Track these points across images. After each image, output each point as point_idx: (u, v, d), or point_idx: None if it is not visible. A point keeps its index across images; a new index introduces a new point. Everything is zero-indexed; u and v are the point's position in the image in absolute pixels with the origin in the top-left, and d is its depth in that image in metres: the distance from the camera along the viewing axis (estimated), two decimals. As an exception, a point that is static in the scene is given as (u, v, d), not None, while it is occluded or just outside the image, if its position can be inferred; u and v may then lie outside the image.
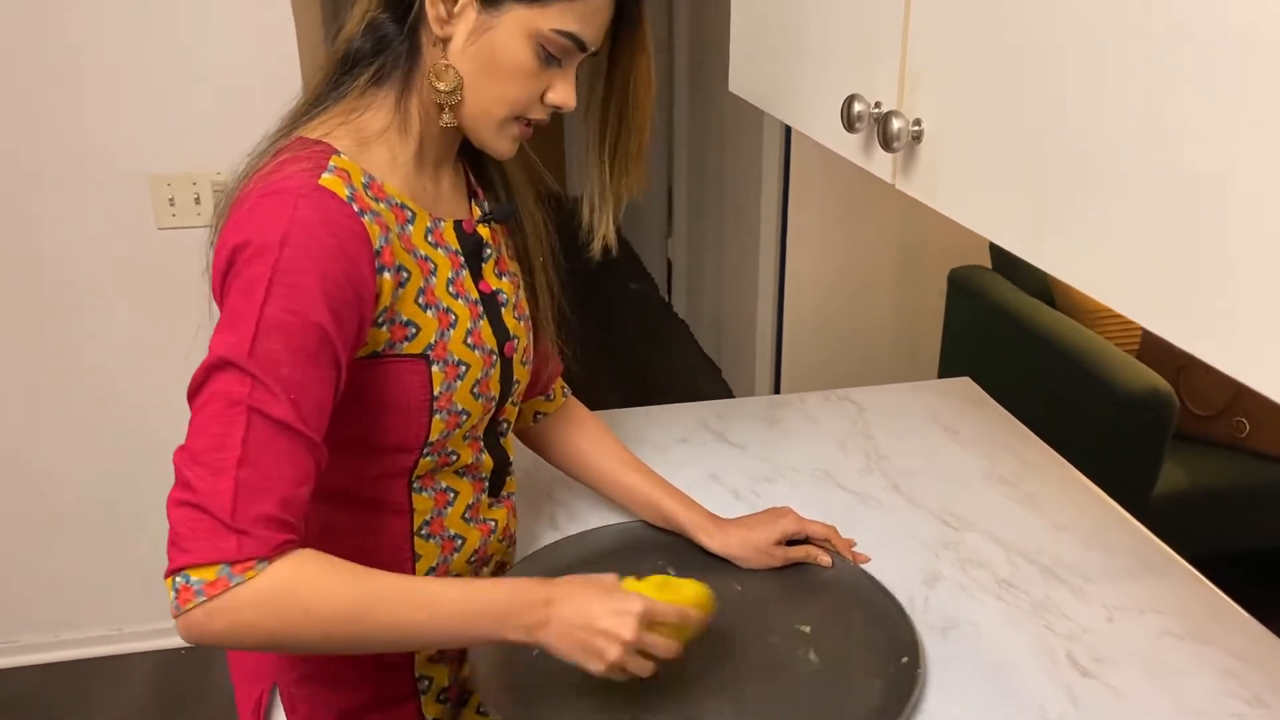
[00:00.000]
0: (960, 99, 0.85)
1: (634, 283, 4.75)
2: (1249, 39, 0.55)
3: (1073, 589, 1.19)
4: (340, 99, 0.92)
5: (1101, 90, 0.68)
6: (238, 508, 0.77)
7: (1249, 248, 0.56)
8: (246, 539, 0.77)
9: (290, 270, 0.80)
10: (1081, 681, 1.05)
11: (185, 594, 0.77)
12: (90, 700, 2.28)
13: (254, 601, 0.77)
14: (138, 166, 2.03)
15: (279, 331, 0.79)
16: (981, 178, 0.83)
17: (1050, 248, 0.76)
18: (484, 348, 0.97)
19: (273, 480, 0.78)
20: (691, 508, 1.20)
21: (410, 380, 0.91)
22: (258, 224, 0.81)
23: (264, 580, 0.78)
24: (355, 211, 0.84)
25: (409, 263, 0.90)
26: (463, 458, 1.01)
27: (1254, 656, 1.08)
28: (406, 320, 0.90)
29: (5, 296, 2.08)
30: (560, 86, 0.92)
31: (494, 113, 0.92)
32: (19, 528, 2.27)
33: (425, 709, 1.07)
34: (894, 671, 1.03)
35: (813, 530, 1.19)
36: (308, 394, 0.80)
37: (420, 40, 0.91)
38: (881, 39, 0.97)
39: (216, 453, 0.77)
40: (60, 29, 1.92)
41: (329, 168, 0.85)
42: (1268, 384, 0.56)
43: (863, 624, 1.10)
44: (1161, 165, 0.63)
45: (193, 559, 0.76)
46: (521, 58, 0.89)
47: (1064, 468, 1.45)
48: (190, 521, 0.77)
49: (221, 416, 0.78)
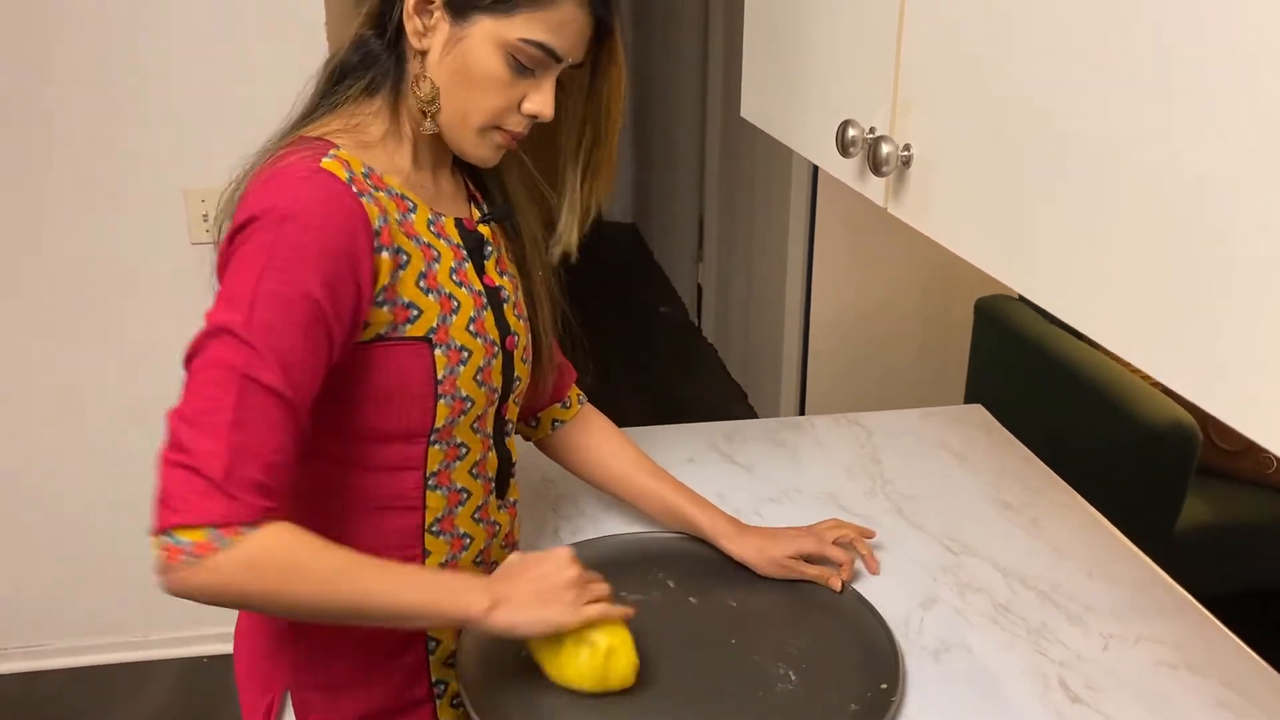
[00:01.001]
0: (948, 126, 0.87)
1: (664, 306, 4.78)
2: (1237, 71, 0.56)
3: (1070, 616, 1.19)
4: (334, 108, 0.97)
5: (1085, 119, 0.69)
6: (229, 472, 0.81)
7: (1232, 278, 0.57)
8: (235, 503, 0.81)
9: (288, 245, 0.84)
10: (1071, 708, 1.04)
11: (173, 553, 0.81)
12: (113, 706, 2.32)
13: (237, 565, 0.81)
14: (173, 181, 2.09)
15: (275, 302, 0.83)
16: (967, 203, 0.85)
17: (1030, 275, 0.77)
18: (486, 337, 1.00)
19: (262, 446, 0.82)
20: (711, 511, 1.23)
21: (413, 363, 0.94)
22: (260, 202, 0.86)
23: (248, 545, 0.82)
24: (354, 193, 0.89)
25: (409, 247, 0.94)
26: (472, 451, 1.03)
27: (1250, 690, 1.07)
28: (408, 302, 0.93)
29: (41, 307, 2.15)
30: (535, 96, 0.94)
31: (470, 121, 0.95)
32: (47, 534, 2.32)
33: (440, 713, 1.09)
34: (870, 696, 1.03)
35: (833, 554, 1.20)
36: (299, 364, 0.84)
37: (404, 53, 0.95)
38: (875, 67, 0.99)
39: (210, 415, 0.81)
40: (97, 45, 1.99)
41: (329, 155, 0.90)
42: (1246, 422, 0.56)
43: (849, 647, 1.10)
44: (1145, 196, 0.63)
45: (182, 519, 0.80)
46: (492, 67, 0.92)
47: (1069, 495, 1.44)
48: (182, 482, 0.81)
49: (217, 381, 0.82)
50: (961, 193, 0.86)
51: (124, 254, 2.13)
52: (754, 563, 1.19)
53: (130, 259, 2.13)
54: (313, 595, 0.86)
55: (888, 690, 1.03)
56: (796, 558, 1.18)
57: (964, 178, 0.85)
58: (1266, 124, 0.54)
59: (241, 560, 0.82)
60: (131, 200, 2.10)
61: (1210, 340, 0.58)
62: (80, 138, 2.05)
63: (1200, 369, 0.59)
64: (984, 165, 0.82)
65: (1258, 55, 0.54)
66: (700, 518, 1.22)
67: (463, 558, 1.06)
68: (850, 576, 1.19)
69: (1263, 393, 0.54)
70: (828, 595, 1.18)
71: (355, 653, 1.03)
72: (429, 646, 1.07)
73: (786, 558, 1.18)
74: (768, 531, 1.21)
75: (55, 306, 2.15)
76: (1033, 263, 0.76)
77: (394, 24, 0.94)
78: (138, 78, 2.02)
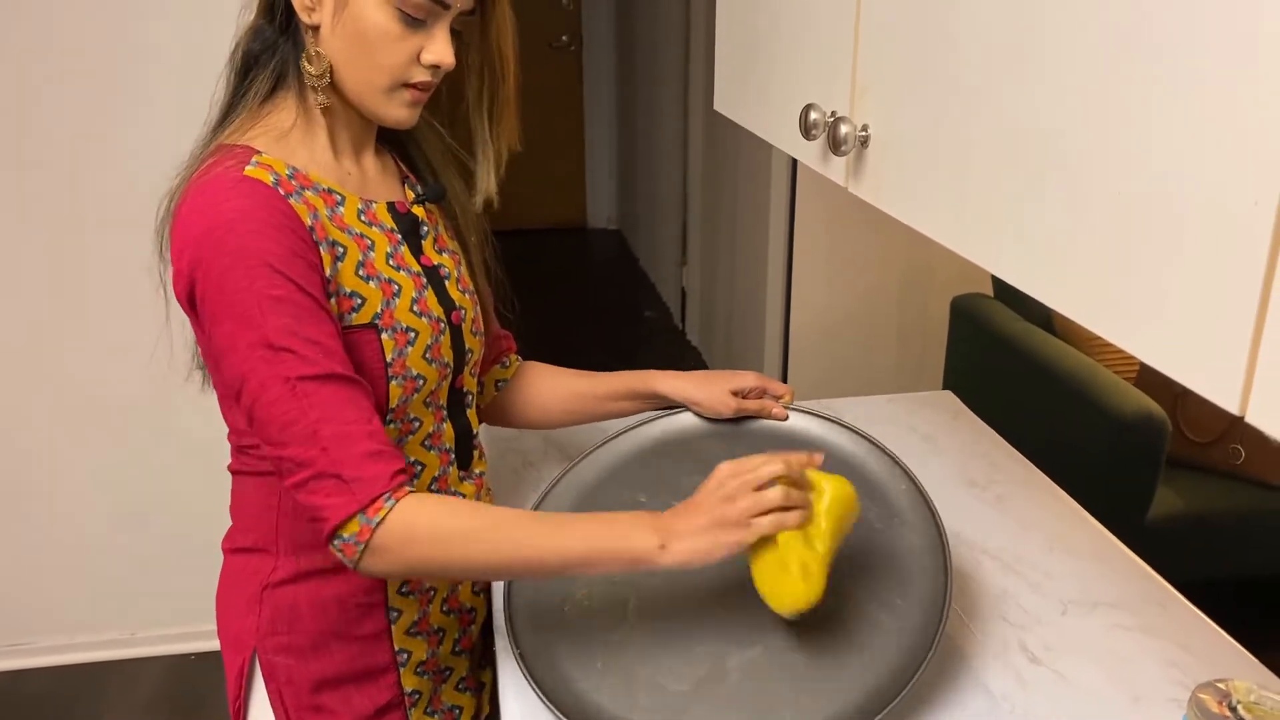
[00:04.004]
0: (903, 106, 0.92)
1: (649, 311, 4.82)
2: (1157, 60, 0.62)
3: (1031, 584, 1.23)
4: (246, 105, 1.00)
5: (1019, 101, 0.75)
6: (342, 459, 0.87)
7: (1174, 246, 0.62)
8: (362, 483, 0.88)
9: (251, 251, 0.88)
10: (1030, 667, 1.09)
11: (348, 550, 0.89)
12: (101, 703, 2.34)
13: (394, 538, 0.89)
14: (163, 186, 2.12)
15: (277, 304, 0.88)
16: (918, 178, 0.90)
17: (974, 242, 0.83)
18: (431, 315, 1.03)
19: (352, 426, 0.89)
20: (649, 372, 1.28)
21: (363, 350, 0.97)
22: (200, 221, 0.89)
23: (395, 518, 0.88)
24: (282, 195, 0.92)
25: (343, 239, 0.97)
26: (425, 425, 1.07)
27: (1199, 649, 1.12)
28: (350, 292, 0.97)
29: (35, 305, 2.18)
30: (432, 46, 0.97)
31: (375, 82, 0.97)
32: (34, 531, 2.35)
33: (404, 680, 1.11)
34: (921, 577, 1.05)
35: (773, 386, 1.26)
36: (328, 345, 0.90)
37: (300, 35, 0.98)
38: (836, 53, 1.04)
39: (297, 427, 0.87)
40: (94, 46, 2.03)
41: (251, 162, 0.93)
42: (1197, 380, 0.60)
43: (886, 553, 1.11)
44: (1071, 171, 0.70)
45: (334, 520, 0.88)
46: (383, 24, 0.94)
47: (1032, 472, 1.49)
48: (317, 494, 0.88)
49: (280, 398, 0.88)
50: (913, 169, 0.91)
51: (118, 253, 2.16)
52: (699, 401, 1.25)
53: (124, 258, 2.16)
54: (469, 555, 0.92)
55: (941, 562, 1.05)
56: (736, 392, 1.25)
57: (915, 155, 0.90)
58: (1170, 102, 0.59)
59: (396, 534, 0.88)
60: (127, 200, 2.13)
61: (1125, 289, 0.63)
62: (77, 139, 2.08)
63: (1113, 311, 0.64)
64: (932, 143, 0.87)
65: (1177, 43, 0.59)
66: (633, 379, 1.28)
67: None
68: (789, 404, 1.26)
69: (1176, 336, 0.59)
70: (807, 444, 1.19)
71: (315, 618, 1.06)
72: (390, 616, 1.09)
73: (726, 392, 1.24)
74: (702, 374, 1.28)
75: (44, 307, 2.18)
76: (976, 231, 0.82)
77: (282, 6, 0.97)
78: (128, 82, 2.06)
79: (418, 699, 1.12)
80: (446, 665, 1.16)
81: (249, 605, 1.06)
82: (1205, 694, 0.84)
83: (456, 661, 1.17)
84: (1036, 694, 1.05)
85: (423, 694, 1.13)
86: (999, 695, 1.04)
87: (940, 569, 1.05)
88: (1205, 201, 0.57)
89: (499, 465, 1.44)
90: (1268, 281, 0.53)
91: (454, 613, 1.15)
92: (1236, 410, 0.55)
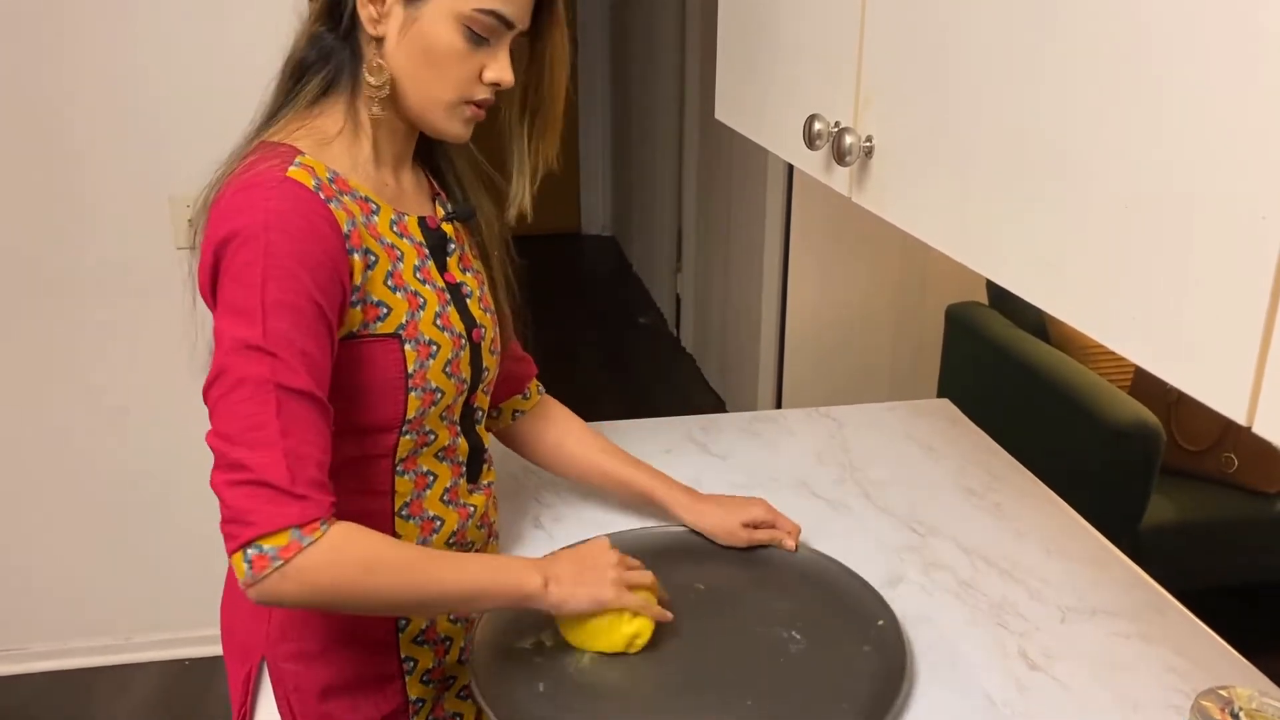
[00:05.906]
0: (907, 116, 0.93)
1: (643, 317, 4.83)
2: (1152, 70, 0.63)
3: (1030, 590, 1.24)
4: (294, 106, 1.00)
5: (1020, 112, 0.76)
6: (294, 475, 0.86)
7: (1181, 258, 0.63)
8: (307, 503, 0.86)
9: (277, 254, 0.88)
10: (1029, 674, 1.09)
11: (260, 563, 0.86)
12: (95, 709, 2.33)
13: (321, 562, 0.87)
14: (158, 189, 2.13)
15: (284, 310, 0.88)
16: (921, 188, 0.91)
17: (985, 252, 0.84)
18: (453, 330, 1.04)
19: (311, 446, 0.88)
20: (667, 483, 1.29)
21: (385, 359, 0.98)
22: (237, 217, 0.90)
23: (327, 541, 0.87)
24: (322, 199, 0.93)
25: (375, 248, 0.98)
26: (440, 438, 1.07)
27: (1197, 655, 1.13)
28: (377, 301, 0.97)
29: (27, 312, 2.17)
30: (494, 65, 0.99)
31: (440, 97, 0.99)
32: (28, 536, 2.34)
33: (409, 689, 1.12)
34: (876, 633, 1.09)
35: (782, 520, 1.26)
36: (317, 363, 0.90)
37: (359, 45, 0.99)
38: (840, 63, 1.05)
39: (258, 431, 0.86)
40: (85, 51, 2.03)
41: (295, 163, 0.94)
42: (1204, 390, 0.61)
43: (831, 600, 1.16)
44: (1069, 181, 0.71)
45: (261, 529, 0.85)
46: (451, 41, 0.96)
47: (1031, 481, 1.50)
48: (249, 496, 0.86)
49: (252, 397, 0.87)
50: (917, 179, 0.92)
51: (110, 259, 2.16)
52: (715, 533, 1.26)
53: (116, 264, 2.16)
54: (392, 585, 0.92)
55: (887, 625, 1.10)
56: (748, 525, 1.25)
57: (919, 165, 0.91)
58: (1177, 117, 0.60)
59: (325, 556, 0.87)
60: (118, 207, 2.13)
61: (1131, 299, 0.64)
62: (69, 145, 2.08)
63: (1118, 320, 0.65)
64: (936, 153, 0.88)
65: (1181, 59, 0.60)
66: (657, 489, 1.28)
67: (434, 540, 1.10)
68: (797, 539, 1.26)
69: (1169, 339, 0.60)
70: (788, 561, 1.23)
71: (325, 625, 1.06)
72: (399, 624, 1.10)
73: (741, 526, 1.24)
74: (719, 499, 1.28)
75: (44, 306, 2.18)
76: (979, 240, 0.83)
77: (348, 16, 0.98)
78: (126, 87, 2.06)
79: (421, 707, 1.13)
80: (451, 674, 1.16)
81: (258, 612, 1.06)
82: (1208, 701, 0.85)
83: (460, 670, 1.17)
84: (1035, 700, 1.05)
85: (426, 701, 1.13)
86: (999, 701, 1.05)
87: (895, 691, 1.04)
88: (1213, 214, 0.58)
89: (498, 469, 1.44)
90: (1275, 294, 0.54)
91: (461, 621, 1.16)
92: (1244, 420, 0.56)
